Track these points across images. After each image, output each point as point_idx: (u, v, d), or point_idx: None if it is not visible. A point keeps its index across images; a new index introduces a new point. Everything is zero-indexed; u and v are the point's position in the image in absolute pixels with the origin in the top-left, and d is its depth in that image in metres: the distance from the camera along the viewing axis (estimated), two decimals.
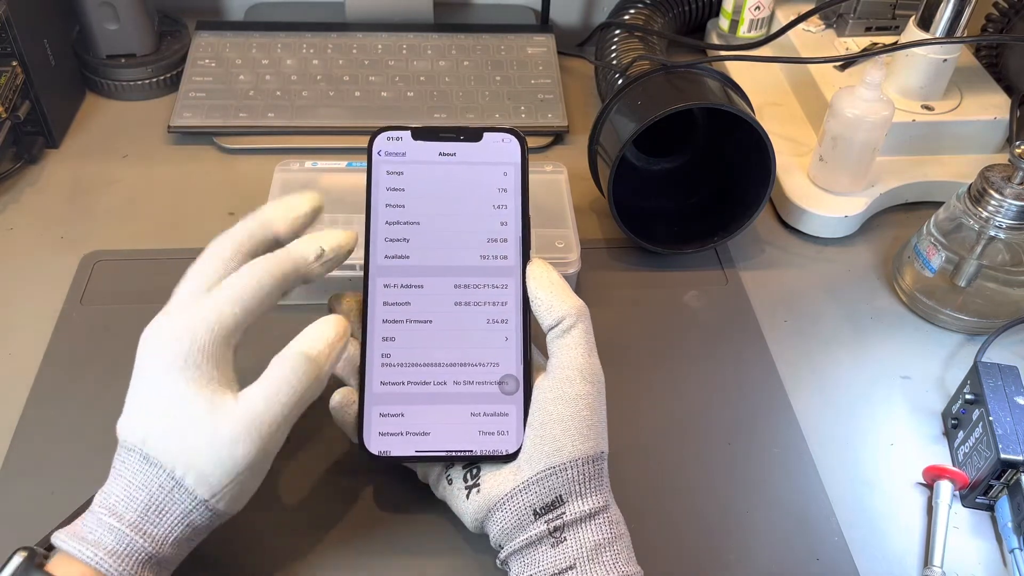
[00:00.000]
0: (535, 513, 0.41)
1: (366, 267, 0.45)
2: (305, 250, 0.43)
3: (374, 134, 0.46)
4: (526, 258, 0.45)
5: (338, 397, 0.45)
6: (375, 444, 0.43)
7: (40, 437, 0.50)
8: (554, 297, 0.43)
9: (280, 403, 0.40)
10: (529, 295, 0.44)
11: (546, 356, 0.44)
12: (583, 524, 0.41)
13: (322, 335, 0.41)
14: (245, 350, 0.42)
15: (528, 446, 0.42)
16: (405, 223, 0.45)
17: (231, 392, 0.40)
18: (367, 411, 0.44)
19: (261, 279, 0.41)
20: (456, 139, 0.46)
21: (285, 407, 0.40)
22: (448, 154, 0.46)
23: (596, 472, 0.41)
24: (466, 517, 0.44)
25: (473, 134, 0.46)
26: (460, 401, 0.44)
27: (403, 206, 0.45)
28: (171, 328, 0.40)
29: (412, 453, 0.44)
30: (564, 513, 0.41)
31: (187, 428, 0.39)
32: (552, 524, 0.41)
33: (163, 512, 0.39)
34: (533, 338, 0.45)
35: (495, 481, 0.43)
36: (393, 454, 0.43)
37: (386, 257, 0.45)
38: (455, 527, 0.46)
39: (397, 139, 0.46)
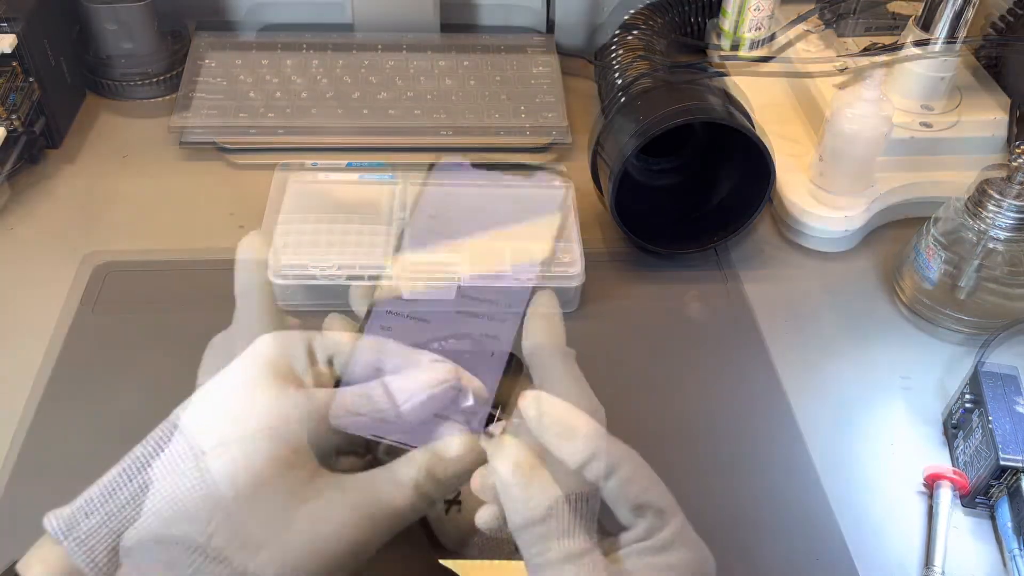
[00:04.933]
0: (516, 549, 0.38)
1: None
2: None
3: (432, 164, 0.45)
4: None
5: None
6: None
7: (49, 443, 0.50)
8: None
9: None
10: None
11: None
12: (564, 565, 0.36)
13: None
14: None
15: None
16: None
17: None
18: None
19: None
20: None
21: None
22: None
23: (588, 511, 0.38)
24: (444, 536, 0.41)
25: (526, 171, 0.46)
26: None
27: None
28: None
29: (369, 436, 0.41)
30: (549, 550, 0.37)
31: None
32: (533, 562, 0.37)
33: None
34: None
35: (477, 502, 0.39)
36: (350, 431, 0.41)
37: None
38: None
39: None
